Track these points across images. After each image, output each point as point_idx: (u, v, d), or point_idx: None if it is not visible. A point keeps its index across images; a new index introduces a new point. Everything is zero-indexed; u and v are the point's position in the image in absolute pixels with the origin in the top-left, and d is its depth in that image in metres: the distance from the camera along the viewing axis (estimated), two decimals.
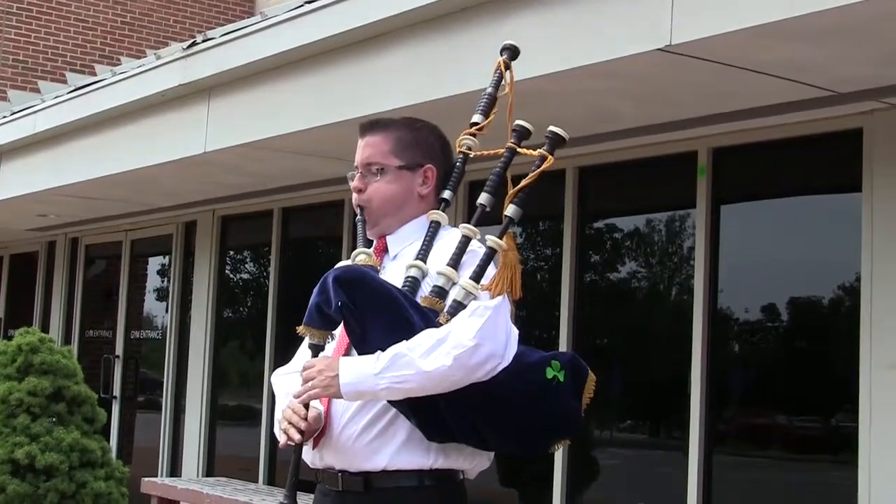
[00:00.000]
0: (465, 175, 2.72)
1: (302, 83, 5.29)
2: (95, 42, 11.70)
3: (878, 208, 4.31)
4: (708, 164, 4.97)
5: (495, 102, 2.71)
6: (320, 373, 2.39)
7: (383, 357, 2.36)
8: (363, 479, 2.45)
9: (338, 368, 2.38)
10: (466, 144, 2.68)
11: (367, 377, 2.35)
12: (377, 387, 2.35)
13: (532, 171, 2.53)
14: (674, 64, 3.85)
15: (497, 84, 2.72)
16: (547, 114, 4.01)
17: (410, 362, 2.33)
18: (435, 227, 2.59)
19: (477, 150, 2.68)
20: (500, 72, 2.72)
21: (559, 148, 2.57)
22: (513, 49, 2.76)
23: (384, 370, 2.34)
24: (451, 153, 2.69)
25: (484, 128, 2.68)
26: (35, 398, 5.61)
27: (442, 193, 2.66)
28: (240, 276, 8.51)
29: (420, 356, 2.33)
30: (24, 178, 7.84)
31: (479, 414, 2.41)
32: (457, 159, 2.69)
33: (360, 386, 2.36)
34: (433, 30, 4.54)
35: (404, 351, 2.35)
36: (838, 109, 4.34)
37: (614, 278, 5.68)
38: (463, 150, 2.68)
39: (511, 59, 2.74)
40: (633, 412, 5.68)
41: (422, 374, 2.32)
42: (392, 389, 2.35)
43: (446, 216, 2.64)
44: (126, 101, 6.50)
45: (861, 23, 3.38)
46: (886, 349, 4.23)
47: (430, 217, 2.62)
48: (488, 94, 2.72)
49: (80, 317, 9.78)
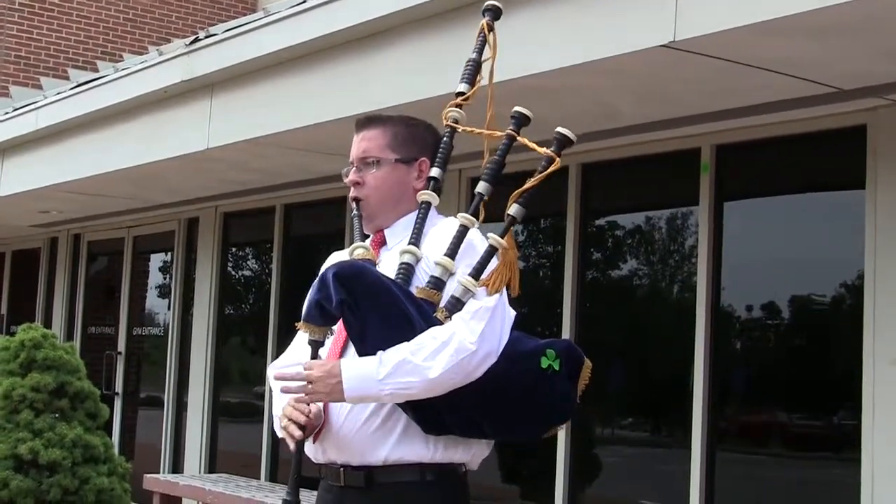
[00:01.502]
0: (465, 163, 2.67)
1: (304, 79, 5.29)
2: (97, 38, 11.69)
3: (881, 205, 4.30)
4: (711, 161, 4.97)
5: (480, 68, 2.64)
6: (321, 378, 2.38)
7: (386, 362, 2.35)
8: (364, 474, 2.45)
9: (340, 374, 2.37)
10: (453, 117, 2.61)
11: (371, 383, 2.35)
12: (381, 392, 2.35)
13: (538, 172, 2.49)
14: (677, 60, 3.85)
15: (481, 49, 2.66)
16: (550, 110, 4.01)
17: (415, 369, 2.33)
18: (426, 208, 2.57)
19: (464, 125, 2.61)
20: (484, 35, 2.65)
21: (566, 149, 2.52)
22: (495, 10, 2.68)
23: (388, 376, 2.34)
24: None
25: (470, 97, 2.62)
26: (38, 394, 5.61)
27: (430, 171, 2.61)
28: (242, 272, 8.51)
29: (423, 361, 2.33)
30: (27, 174, 7.84)
31: (474, 406, 2.42)
32: (444, 133, 2.64)
33: (364, 392, 2.37)
34: (435, 26, 4.53)
35: (408, 357, 2.34)
36: (842, 106, 4.34)
37: (617, 275, 5.68)
38: (450, 123, 2.61)
39: (494, 20, 2.67)
40: (635, 409, 5.67)
41: (426, 381, 2.33)
42: (396, 395, 2.36)
43: (436, 196, 2.59)
44: (128, 98, 6.49)
45: (865, 19, 3.37)
46: (889, 346, 4.23)
47: (420, 197, 2.59)
48: (472, 61, 2.65)
49: (83, 313, 9.78)
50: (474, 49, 2.66)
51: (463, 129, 2.61)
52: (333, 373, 2.38)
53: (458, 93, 2.63)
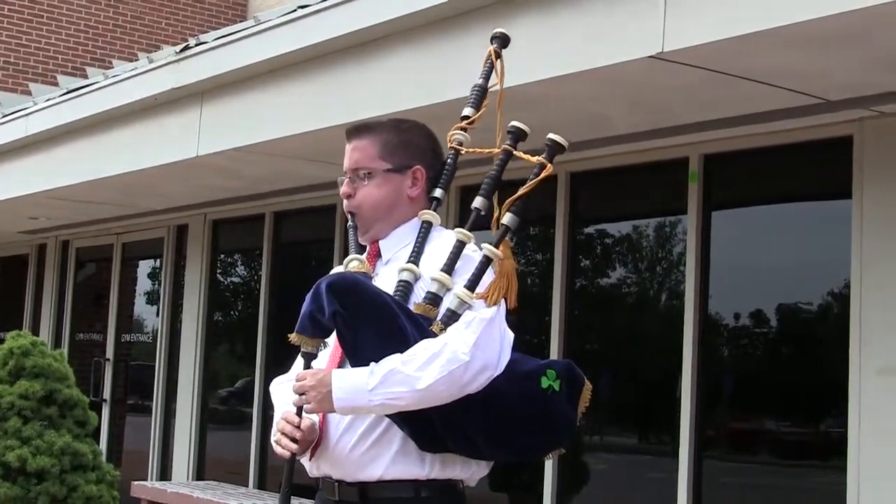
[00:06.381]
0: (456, 173, 2.66)
1: (295, 88, 5.30)
2: (87, 44, 11.69)
3: (867, 215, 4.34)
4: (699, 170, 5.00)
5: (486, 94, 2.63)
6: (313, 388, 2.36)
7: (377, 372, 2.33)
8: (359, 489, 2.43)
9: (331, 384, 2.35)
10: (458, 140, 2.61)
11: (360, 393, 2.33)
12: (371, 403, 2.33)
13: (530, 179, 2.48)
14: (666, 71, 3.88)
15: (487, 75, 2.65)
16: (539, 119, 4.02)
17: (404, 379, 2.31)
18: (427, 228, 2.55)
19: (469, 147, 2.61)
20: (491, 61, 2.64)
21: (558, 155, 2.52)
22: (503, 38, 2.67)
23: (378, 386, 2.31)
24: (441, 152, 2.65)
25: (475, 121, 2.61)
26: (26, 401, 5.61)
27: (433, 192, 2.60)
28: (231, 279, 8.51)
29: (414, 372, 2.30)
30: (16, 180, 7.82)
31: (471, 424, 2.39)
32: (448, 156, 2.63)
33: (353, 402, 2.34)
34: (426, 36, 4.55)
35: (398, 367, 2.32)
36: (828, 117, 4.37)
37: (605, 283, 5.70)
38: (454, 145, 2.61)
39: (501, 48, 2.66)
40: (623, 417, 5.69)
41: (415, 392, 2.30)
42: (386, 406, 2.33)
43: (438, 216, 2.59)
44: (118, 105, 6.49)
45: (851, 32, 3.41)
46: (876, 354, 4.26)
47: (421, 217, 2.57)
48: (479, 87, 2.64)
49: (71, 320, 9.76)
50: (481, 75, 2.64)
51: (467, 150, 2.61)
52: (324, 382, 2.36)
53: (462, 117, 2.63)
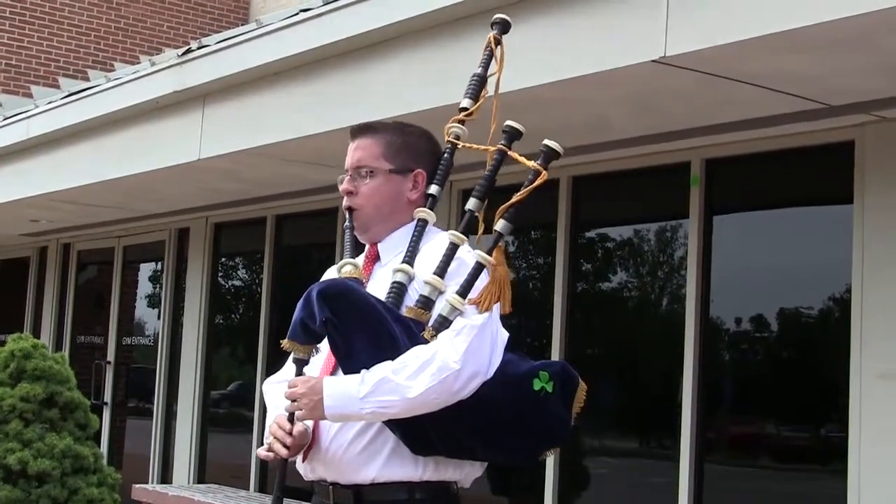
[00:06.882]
0: (457, 176, 2.62)
1: (297, 91, 5.31)
2: (88, 47, 11.71)
3: (868, 220, 4.34)
4: (701, 174, 5.00)
5: (485, 83, 2.57)
6: (305, 395, 2.36)
7: (368, 380, 2.33)
8: (353, 492, 2.43)
9: (322, 391, 2.35)
10: (455, 133, 2.56)
11: (351, 401, 2.33)
12: (362, 411, 2.33)
13: (525, 185, 2.45)
14: (668, 75, 3.88)
15: (487, 64, 2.59)
16: (541, 123, 4.04)
17: (395, 388, 2.30)
18: (422, 226, 2.54)
19: (465, 141, 2.56)
20: (491, 49, 2.58)
21: (553, 161, 2.48)
22: (503, 23, 2.60)
23: (369, 395, 2.31)
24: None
25: (473, 113, 2.56)
26: (27, 404, 5.60)
27: (428, 189, 2.58)
28: (232, 283, 8.51)
29: (405, 380, 2.30)
30: (17, 183, 7.83)
31: (464, 428, 2.39)
32: (445, 149, 2.60)
33: (344, 410, 2.34)
34: (428, 39, 4.56)
35: (389, 375, 2.31)
36: (830, 122, 4.37)
37: (607, 287, 5.70)
38: (451, 139, 2.57)
39: (501, 34, 2.60)
40: (624, 421, 5.69)
41: (406, 401, 2.30)
42: (377, 413, 2.34)
43: (433, 214, 2.57)
44: (120, 108, 6.50)
45: (853, 36, 3.41)
46: (876, 359, 4.26)
47: (416, 215, 2.56)
48: (477, 76, 2.58)
49: (72, 322, 9.76)
50: (480, 63, 2.59)
51: (463, 145, 2.57)
52: (316, 389, 2.36)
53: (461, 108, 2.59)
